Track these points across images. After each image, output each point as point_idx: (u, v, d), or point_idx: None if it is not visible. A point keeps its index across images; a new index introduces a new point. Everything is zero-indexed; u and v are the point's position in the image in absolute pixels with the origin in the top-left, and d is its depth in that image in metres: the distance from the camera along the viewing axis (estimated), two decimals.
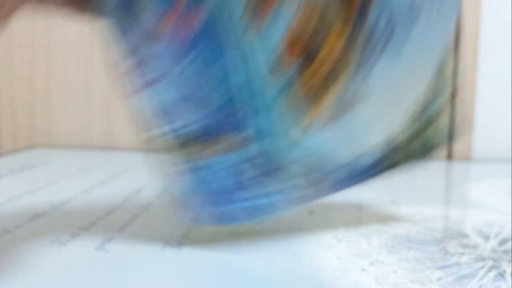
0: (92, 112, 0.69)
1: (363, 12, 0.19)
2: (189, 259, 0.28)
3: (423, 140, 0.27)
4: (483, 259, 0.28)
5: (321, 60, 0.19)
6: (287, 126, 0.21)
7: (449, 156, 0.70)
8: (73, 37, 0.67)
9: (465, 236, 0.33)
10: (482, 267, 0.27)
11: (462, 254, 0.29)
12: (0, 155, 0.62)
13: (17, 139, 0.67)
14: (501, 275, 0.26)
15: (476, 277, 0.26)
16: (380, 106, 0.24)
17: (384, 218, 0.37)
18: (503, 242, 0.32)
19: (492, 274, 0.26)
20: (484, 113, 0.70)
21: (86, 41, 0.67)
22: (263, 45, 0.18)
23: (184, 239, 0.31)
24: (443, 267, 0.27)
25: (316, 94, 0.20)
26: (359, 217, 0.37)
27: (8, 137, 0.67)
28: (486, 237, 0.32)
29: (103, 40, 0.23)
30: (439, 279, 0.25)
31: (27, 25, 0.67)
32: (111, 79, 0.62)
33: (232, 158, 0.21)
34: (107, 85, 0.68)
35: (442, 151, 0.70)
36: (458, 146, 0.70)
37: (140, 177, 0.51)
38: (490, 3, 0.68)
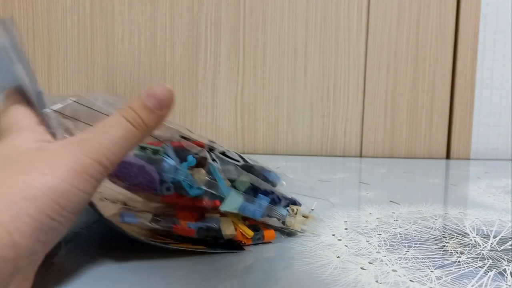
0: None
1: None
2: (182, 260, 0.28)
3: None
4: (482, 258, 0.28)
5: None
6: None
7: (448, 156, 0.70)
8: (74, 36, 0.67)
9: (465, 235, 0.33)
10: (482, 267, 0.27)
11: (462, 253, 0.29)
12: None
13: None
14: (501, 274, 0.26)
15: (476, 276, 0.26)
16: None
17: (384, 217, 0.37)
18: (502, 241, 0.31)
19: (491, 273, 0.26)
20: (483, 113, 0.70)
21: (87, 41, 0.67)
22: None
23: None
24: (442, 266, 0.27)
25: None
26: (358, 216, 0.37)
27: None
28: (486, 237, 0.32)
29: None
30: (438, 278, 0.25)
31: (27, 23, 0.67)
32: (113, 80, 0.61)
33: None
34: (108, 85, 0.68)
35: (442, 151, 0.70)
36: (457, 146, 0.70)
37: None
38: (490, 3, 0.68)
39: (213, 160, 0.30)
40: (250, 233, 0.29)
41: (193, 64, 0.68)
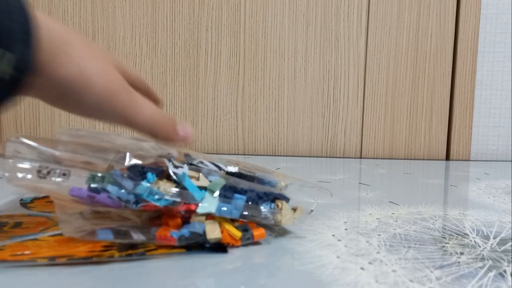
0: None
1: None
2: (179, 260, 0.28)
3: None
4: (482, 259, 0.28)
5: None
6: None
7: (448, 157, 0.70)
8: None
9: (465, 236, 0.33)
10: (482, 267, 0.27)
11: (462, 254, 0.29)
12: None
13: None
14: (501, 275, 0.26)
15: (475, 277, 0.26)
16: None
17: (383, 218, 0.37)
18: (502, 242, 0.32)
19: (492, 274, 0.26)
20: (483, 114, 0.70)
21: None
22: None
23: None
24: (442, 267, 0.27)
25: None
26: (358, 216, 0.37)
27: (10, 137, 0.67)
28: (486, 237, 0.32)
29: None
30: (438, 278, 0.25)
31: None
32: None
33: None
34: None
35: (442, 151, 0.70)
36: (457, 147, 0.70)
37: None
38: (490, 4, 0.68)
39: (176, 167, 0.30)
40: (237, 234, 0.29)
41: (194, 66, 0.68)
